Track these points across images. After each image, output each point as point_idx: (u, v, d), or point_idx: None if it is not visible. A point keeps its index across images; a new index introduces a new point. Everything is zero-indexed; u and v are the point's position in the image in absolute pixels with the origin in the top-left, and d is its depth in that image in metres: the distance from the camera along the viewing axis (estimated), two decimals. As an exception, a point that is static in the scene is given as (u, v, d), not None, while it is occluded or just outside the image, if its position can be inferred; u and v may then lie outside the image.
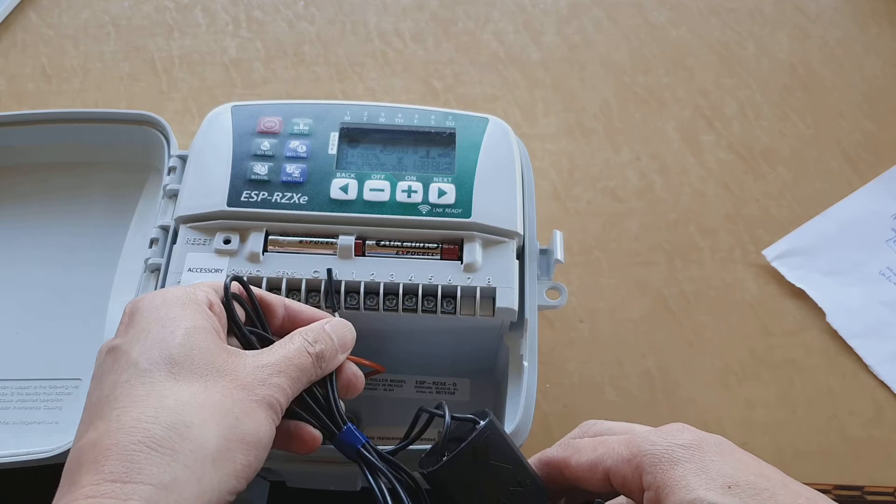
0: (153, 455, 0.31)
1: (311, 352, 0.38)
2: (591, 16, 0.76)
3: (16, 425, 0.49)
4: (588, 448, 0.36)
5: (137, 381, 0.33)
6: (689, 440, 0.34)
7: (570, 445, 0.37)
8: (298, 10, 0.76)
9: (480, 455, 0.36)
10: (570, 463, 0.36)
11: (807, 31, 0.75)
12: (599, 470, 0.35)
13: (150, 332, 0.35)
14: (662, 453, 0.33)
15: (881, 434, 0.55)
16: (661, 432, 0.35)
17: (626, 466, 0.34)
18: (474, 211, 0.48)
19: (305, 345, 0.38)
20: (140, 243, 0.54)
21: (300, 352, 0.38)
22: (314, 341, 0.39)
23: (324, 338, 0.39)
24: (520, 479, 0.36)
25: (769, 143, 0.68)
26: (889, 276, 0.61)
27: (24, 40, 0.73)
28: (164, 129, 0.56)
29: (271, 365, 0.36)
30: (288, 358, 0.37)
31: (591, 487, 0.36)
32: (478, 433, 0.36)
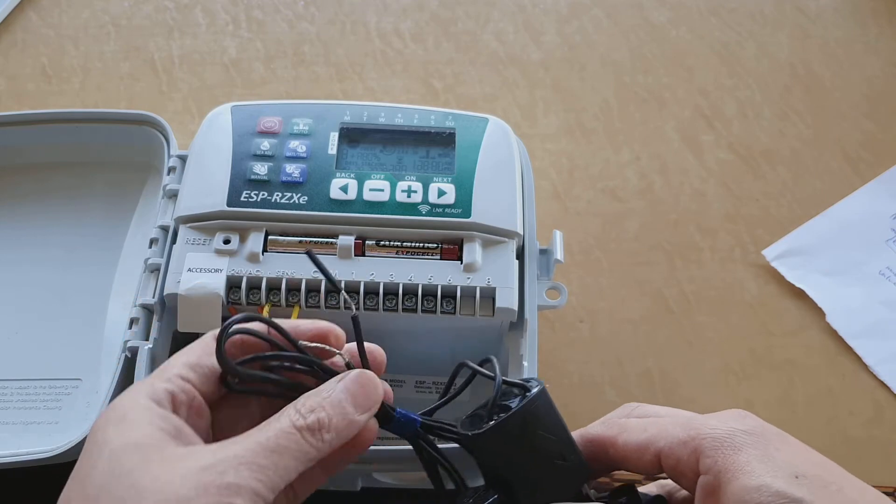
0: None
1: (302, 425, 0.32)
2: (591, 16, 0.76)
3: (16, 425, 0.49)
4: (638, 428, 0.35)
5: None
6: (752, 426, 0.33)
7: (616, 424, 0.36)
8: (298, 10, 0.76)
9: (530, 424, 0.34)
10: (618, 442, 0.35)
11: (807, 31, 0.75)
12: (650, 451, 0.34)
13: (79, 469, 0.31)
14: (724, 437, 0.32)
15: (881, 434, 0.55)
16: (719, 417, 0.34)
17: (682, 449, 0.33)
18: (474, 211, 0.48)
19: (294, 419, 0.32)
20: (140, 243, 0.54)
21: (281, 431, 0.32)
22: (310, 410, 0.33)
23: (328, 403, 0.33)
24: (564, 454, 0.35)
25: (769, 143, 0.68)
26: (889, 276, 0.61)
27: (24, 40, 0.73)
28: (164, 129, 0.56)
29: (228, 459, 0.30)
30: (260, 443, 0.31)
31: (637, 469, 0.35)
32: (529, 400, 0.34)
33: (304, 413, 0.33)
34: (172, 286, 0.46)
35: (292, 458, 0.31)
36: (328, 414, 0.33)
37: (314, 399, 0.33)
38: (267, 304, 0.46)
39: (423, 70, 0.72)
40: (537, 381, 0.35)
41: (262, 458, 0.31)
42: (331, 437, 0.33)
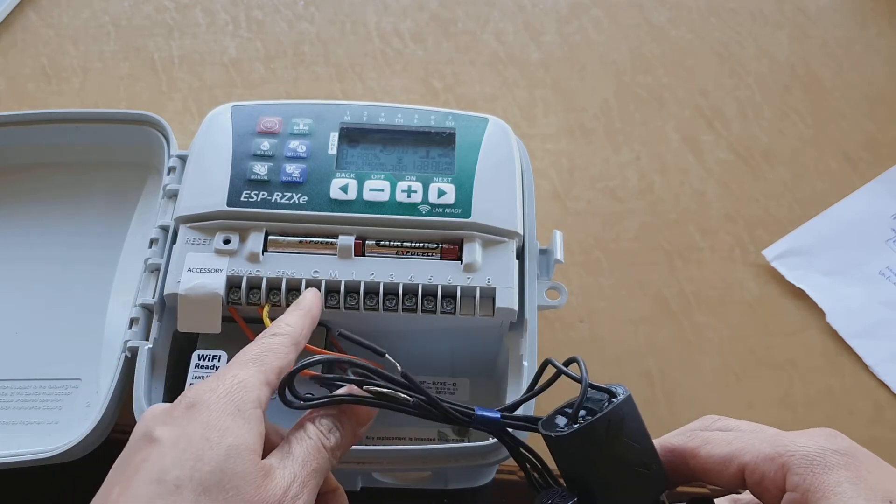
0: None
1: (328, 446, 0.35)
2: (591, 16, 0.76)
3: (16, 425, 0.49)
4: (722, 441, 0.34)
5: (157, 502, 0.31)
6: (844, 447, 0.32)
7: (698, 436, 0.35)
8: (298, 10, 0.76)
9: (614, 429, 0.34)
10: (700, 453, 0.35)
11: (807, 31, 0.75)
12: (734, 464, 0.33)
13: (193, 440, 0.32)
14: (815, 456, 0.32)
15: (881, 434, 0.55)
16: (809, 435, 0.33)
17: (769, 464, 0.32)
18: (474, 211, 0.48)
19: (321, 439, 0.35)
20: (140, 243, 0.54)
21: (316, 451, 0.35)
22: (329, 430, 0.36)
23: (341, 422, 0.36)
24: (646, 462, 0.34)
25: (769, 143, 0.68)
26: (889, 276, 0.61)
27: (24, 40, 0.73)
28: (164, 129, 0.56)
29: (297, 482, 0.33)
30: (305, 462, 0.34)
31: (718, 482, 0.34)
32: (616, 405, 0.34)
33: (326, 432, 0.35)
34: (172, 286, 0.46)
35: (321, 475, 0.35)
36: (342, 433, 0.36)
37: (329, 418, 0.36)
38: (267, 304, 0.46)
39: (423, 70, 0.72)
40: (623, 388, 0.35)
41: (311, 480, 0.34)
42: (340, 455, 0.36)
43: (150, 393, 0.45)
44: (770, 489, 0.33)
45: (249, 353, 0.36)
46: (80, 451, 0.45)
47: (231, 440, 0.32)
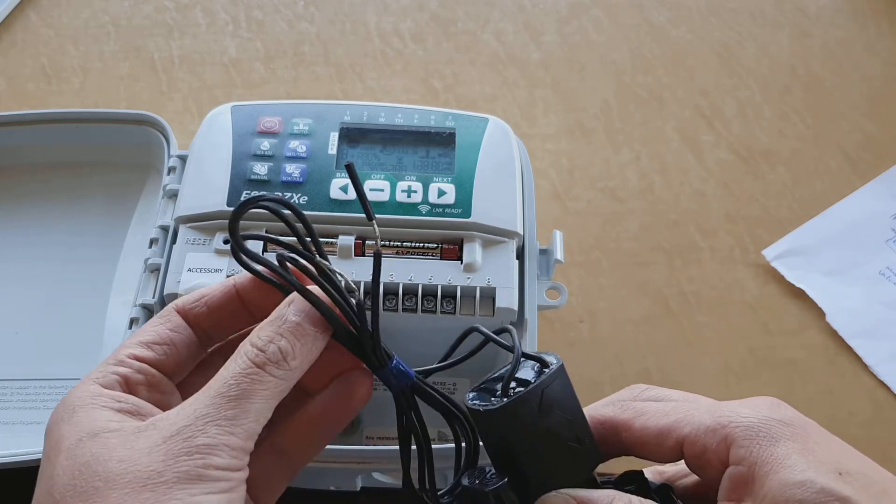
0: None
1: (261, 360, 0.30)
2: (591, 16, 0.76)
3: (16, 425, 0.49)
4: (658, 412, 0.33)
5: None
6: (789, 417, 0.31)
7: (631, 407, 0.33)
8: (298, 10, 0.76)
9: (547, 401, 0.31)
10: (634, 426, 0.33)
11: (807, 31, 0.75)
12: (672, 437, 0.32)
13: (42, 471, 0.29)
14: (760, 427, 0.30)
15: (881, 434, 0.55)
16: (751, 405, 0.32)
17: (710, 437, 0.31)
18: (474, 211, 0.48)
19: (251, 355, 0.30)
20: (140, 243, 0.54)
21: (240, 374, 0.30)
22: (268, 341, 0.31)
23: (285, 329, 0.31)
24: (579, 436, 0.32)
25: (769, 143, 0.68)
26: (889, 276, 0.61)
27: (24, 40, 0.73)
28: (164, 129, 0.56)
29: (192, 423, 0.28)
30: (221, 394, 0.29)
31: (653, 455, 0.33)
32: (549, 376, 0.31)
33: (262, 346, 0.30)
34: (172, 286, 0.47)
35: (261, 399, 0.29)
36: (289, 340, 0.31)
37: (269, 329, 0.31)
38: (267, 304, 0.46)
39: (423, 70, 0.72)
40: (555, 357, 0.33)
41: (227, 409, 0.29)
42: (298, 363, 0.31)
43: (150, 393, 0.45)
44: (712, 462, 0.31)
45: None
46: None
47: (69, 442, 0.29)
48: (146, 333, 0.33)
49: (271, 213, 0.33)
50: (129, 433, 0.29)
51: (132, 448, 0.28)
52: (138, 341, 0.33)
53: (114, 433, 0.29)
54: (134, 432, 0.29)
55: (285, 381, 0.30)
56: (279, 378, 0.30)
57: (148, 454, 0.28)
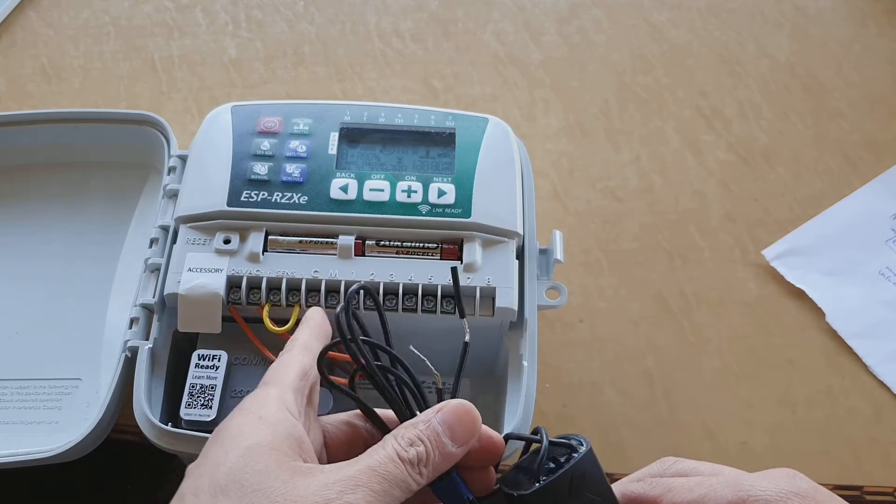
0: None
1: (405, 457, 0.33)
2: (591, 16, 0.76)
3: (16, 425, 0.49)
4: (683, 488, 0.35)
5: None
6: (804, 489, 0.33)
7: (659, 483, 0.35)
8: (298, 10, 0.76)
9: (576, 484, 0.34)
10: (662, 502, 0.35)
11: (807, 31, 0.75)
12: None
13: (209, 455, 0.32)
14: (776, 500, 0.32)
15: (881, 434, 0.55)
16: (769, 477, 0.34)
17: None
18: (474, 211, 0.48)
19: (397, 450, 0.33)
20: (140, 243, 0.54)
21: (389, 459, 0.32)
22: (410, 444, 0.33)
23: (426, 436, 0.33)
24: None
25: (769, 143, 0.68)
26: (889, 276, 0.61)
27: (24, 40, 0.73)
28: (164, 129, 0.56)
29: (346, 479, 0.31)
30: (372, 468, 0.32)
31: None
32: (577, 461, 0.34)
33: (405, 446, 0.33)
34: (173, 286, 0.47)
35: (397, 487, 0.32)
36: (427, 448, 0.33)
37: (413, 431, 0.33)
38: (267, 304, 0.46)
39: (423, 70, 0.72)
40: (581, 440, 0.35)
41: (374, 483, 0.31)
42: (428, 472, 0.33)
43: (150, 393, 0.45)
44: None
45: (264, 377, 0.37)
46: (80, 451, 0.45)
47: (248, 442, 0.32)
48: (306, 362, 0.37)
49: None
50: (297, 467, 0.32)
51: (298, 482, 0.31)
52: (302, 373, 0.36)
53: (287, 458, 0.32)
54: (301, 469, 0.32)
55: (416, 485, 0.33)
56: (413, 479, 0.32)
57: (306, 492, 0.31)
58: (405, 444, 0.33)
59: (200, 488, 0.31)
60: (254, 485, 0.31)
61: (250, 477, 0.31)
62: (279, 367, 0.36)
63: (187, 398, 0.44)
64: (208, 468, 0.31)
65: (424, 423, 0.34)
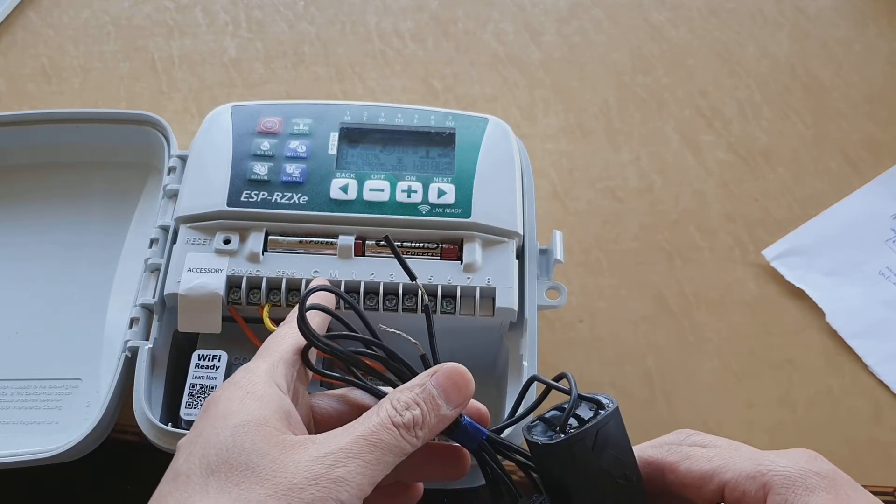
0: None
1: (399, 422, 0.33)
2: (591, 16, 0.76)
3: (16, 425, 0.49)
4: (702, 457, 0.35)
5: (172, 494, 0.31)
6: (825, 470, 0.33)
7: (677, 450, 0.35)
8: (298, 10, 0.76)
9: (601, 441, 0.34)
10: (679, 468, 0.35)
11: (807, 31, 0.75)
12: (715, 482, 0.34)
13: (202, 432, 0.33)
14: (797, 477, 0.32)
15: (881, 434, 0.55)
16: (789, 456, 0.34)
17: (750, 483, 0.33)
18: (474, 211, 0.48)
19: (391, 415, 0.33)
20: (140, 243, 0.54)
21: (381, 426, 0.33)
22: (405, 407, 0.34)
23: (422, 399, 0.34)
24: (627, 474, 0.35)
25: (769, 143, 0.68)
26: (889, 276, 0.61)
27: (24, 40, 0.73)
28: (164, 129, 0.56)
29: (337, 452, 0.31)
30: (364, 437, 0.32)
31: (695, 497, 0.34)
32: (605, 417, 0.34)
33: (400, 410, 0.33)
34: (173, 286, 0.47)
35: (391, 453, 0.32)
36: (423, 411, 0.34)
37: (408, 395, 0.34)
38: (267, 304, 0.46)
39: (423, 70, 0.72)
40: (610, 399, 0.35)
41: (366, 453, 0.32)
42: (424, 434, 0.34)
43: (150, 393, 0.45)
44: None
45: (259, 349, 0.37)
46: (80, 451, 0.45)
47: (236, 420, 0.32)
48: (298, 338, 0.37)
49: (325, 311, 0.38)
50: (286, 442, 0.32)
51: (286, 458, 0.31)
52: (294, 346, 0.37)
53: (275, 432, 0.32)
54: (289, 443, 0.32)
55: (410, 447, 0.33)
56: (408, 442, 0.33)
57: (295, 468, 0.31)
58: (401, 407, 0.33)
59: (192, 470, 0.31)
60: (243, 464, 0.31)
61: (239, 455, 0.31)
62: (274, 339, 0.37)
63: (187, 398, 0.44)
64: (199, 447, 0.32)
65: (420, 387, 0.35)
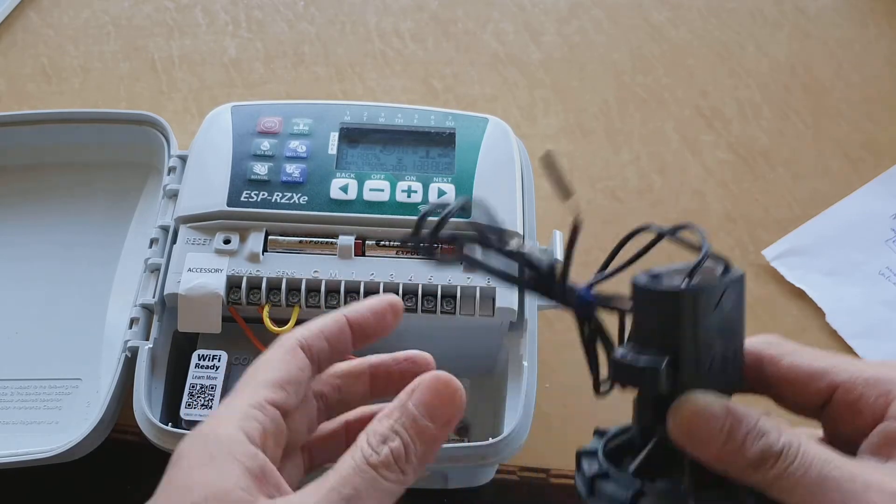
0: None
1: (376, 462, 0.28)
2: (591, 16, 0.76)
3: (16, 425, 0.49)
4: (809, 355, 0.32)
5: None
6: None
7: (777, 346, 0.33)
8: (298, 10, 0.76)
9: (724, 303, 0.31)
10: (782, 362, 0.32)
11: (807, 31, 0.75)
12: (824, 380, 0.31)
13: (160, 499, 0.29)
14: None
15: (881, 434, 0.54)
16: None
17: (869, 388, 0.30)
18: (474, 211, 0.48)
19: (366, 454, 0.28)
20: (140, 243, 0.54)
21: (355, 472, 0.28)
22: (382, 441, 0.29)
23: (401, 426, 0.29)
24: (736, 350, 0.32)
25: (769, 143, 0.68)
26: (889, 276, 0.61)
27: (24, 40, 0.73)
28: (164, 129, 0.56)
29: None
30: (336, 489, 0.28)
31: (796, 395, 0.32)
32: (733, 279, 0.32)
33: (376, 446, 0.28)
34: (173, 286, 0.47)
35: (372, 499, 0.28)
36: (403, 440, 0.29)
37: (385, 424, 0.29)
38: (267, 304, 0.46)
39: (423, 70, 0.72)
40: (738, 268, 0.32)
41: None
42: (413, 467, 0.29)
43: (150, 393, 0.45)
44: (863, 414, 0.30)
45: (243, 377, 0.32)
46: (80, 451, 0.45)
47: (196, 496, 0.28)
48: (278, 370, 0.32)
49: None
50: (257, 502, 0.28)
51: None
52: (273, 379, 0.31)
53: (245, 493, 0.28)
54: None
55: (400, 485, 0.29)
56: (393, 483, 0.28)
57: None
58: (376, 442, 0.29)
59: None
60: None
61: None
62: (258, 365, 0.32)
63: (187, 398, 0.44)
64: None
65: (398, 409, 0.29)
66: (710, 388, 0.31)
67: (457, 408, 0.30)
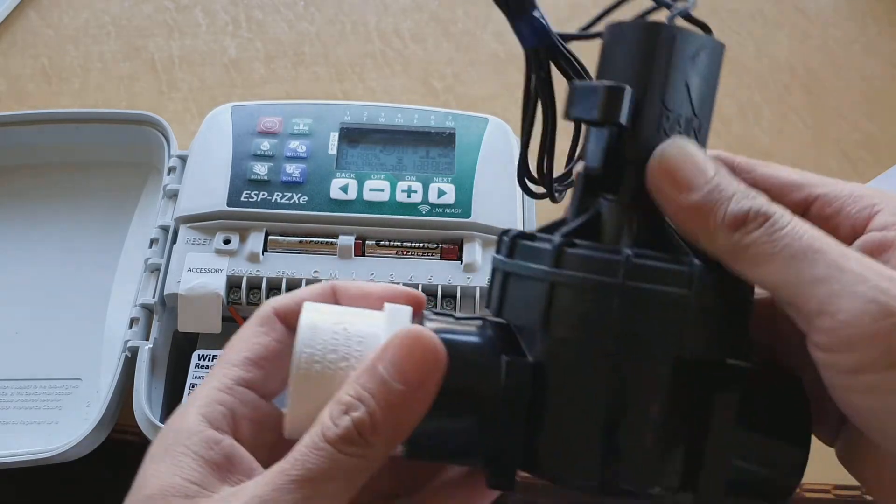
0: None
1: (333, 435, 0.24)
2: (591, 16, 0.76)
3: (16, 425, 0.49)
4: (787, 169, 0.30)
5: None
6: None
7: (757, 161, 0.30)
8: (298, 10, 0.76)
9: (700, 60, 0.30)
10: (756, 171, 0.30)
11: (807, 31, 0.75)
12: (802, 191, 0.29)
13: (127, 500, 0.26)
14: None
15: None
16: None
17: (851, 201, 0.28)
18: (474, 211, 0.48)
19: (324, 427, 0.24)
20: (140, 243, 0.54)
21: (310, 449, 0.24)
22: (343, 410, 0.24)
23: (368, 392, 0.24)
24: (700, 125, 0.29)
25: (769, 143, 0.68)
26: (889, 276, 0.61)
27: (24, 40, 0.73)
28: (164, 129, 0.56)
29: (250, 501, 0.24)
30: (285, 472, 0.24)
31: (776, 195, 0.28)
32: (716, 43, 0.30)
33: (336, 417, 0.24)
34: (173, 286, 0.47)
35: (333, 481, 0.24)
36: (369, 408, 0.24)
37: (349, 390, 0.25)
38: (267, 304, 0.46)
39: (423, 70, 0.72)
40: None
41: (287, 493, 0.24)
42: (383, 440, 0.24)
43: (150, 393, 0.45)
44: (842, 226, 0.28)
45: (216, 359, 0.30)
46: (80, 451, 0.45)
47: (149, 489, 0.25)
48: (251, 346, 0.29)
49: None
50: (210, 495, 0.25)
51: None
52: (244, 358, 0.28)
53: (183, 501, 0.25)
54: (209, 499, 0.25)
55: (368, 461, 0.24)
56: (359, 458, 0.24)
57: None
58: (338, 413, 0.24)
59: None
60: None
61: None
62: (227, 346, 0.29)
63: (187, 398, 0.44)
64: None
65: (366, 373, 0.25)
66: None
67: (433, 366, 0.25)
